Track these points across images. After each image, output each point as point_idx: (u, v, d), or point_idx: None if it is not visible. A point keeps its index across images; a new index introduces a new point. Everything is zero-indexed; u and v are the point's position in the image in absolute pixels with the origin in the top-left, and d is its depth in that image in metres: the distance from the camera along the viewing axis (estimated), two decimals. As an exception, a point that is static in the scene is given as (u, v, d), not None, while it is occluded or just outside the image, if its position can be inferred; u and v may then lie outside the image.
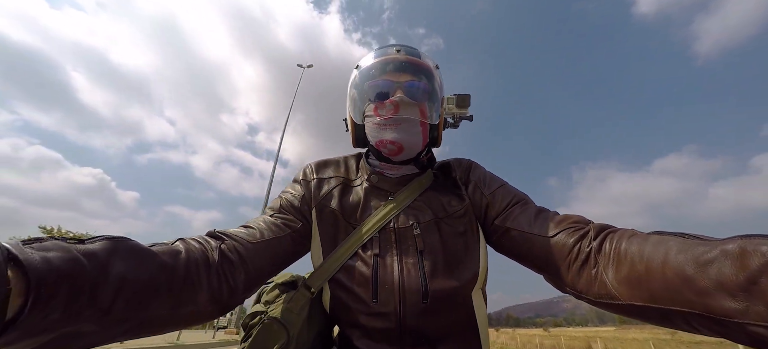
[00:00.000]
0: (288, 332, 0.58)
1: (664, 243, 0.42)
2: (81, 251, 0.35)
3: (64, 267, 0.32)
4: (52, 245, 0.33)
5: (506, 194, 0.69)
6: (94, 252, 0.36)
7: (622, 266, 0.46)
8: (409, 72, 0.71)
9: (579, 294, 0.53)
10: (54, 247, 0.33)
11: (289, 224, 0.68)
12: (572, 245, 0.54)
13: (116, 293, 0.37)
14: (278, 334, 0.58)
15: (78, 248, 0.35)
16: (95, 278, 0.35)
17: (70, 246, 0.34)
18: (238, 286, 0.55)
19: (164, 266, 0.44)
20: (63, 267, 0.32)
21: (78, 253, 0.34)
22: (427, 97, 0.71)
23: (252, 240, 0.61)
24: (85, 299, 0.33)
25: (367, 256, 0.63)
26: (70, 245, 0.35)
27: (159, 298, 0.42)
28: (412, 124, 0.68)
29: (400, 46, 0.75)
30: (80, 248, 0.35)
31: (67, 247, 0.34)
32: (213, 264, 0.52)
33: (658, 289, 0.40)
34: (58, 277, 0.31)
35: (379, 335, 0.60)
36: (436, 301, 0.59)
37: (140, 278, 0.40)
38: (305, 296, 0.63)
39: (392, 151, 0.70)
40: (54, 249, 0.32)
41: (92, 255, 0.35)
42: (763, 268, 0.31)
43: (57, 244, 0.34)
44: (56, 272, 0.31)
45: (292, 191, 0.75)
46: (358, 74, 0.75)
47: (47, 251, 0.32)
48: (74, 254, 0.34)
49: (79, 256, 0.34)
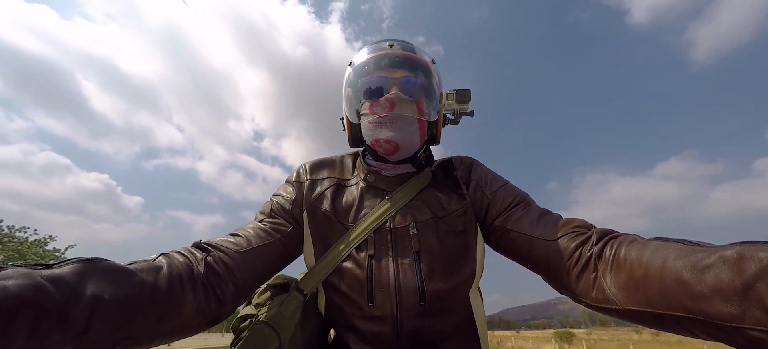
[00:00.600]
0: (279, 336, 0.57)
1: (663, 249, 0.42)
2: (46, 276, 0.35)
3: (23, 293, 0.32)
4: (12, 273, 0.33)
5: (508, 194, 0.68)
6: (60, 276, 0.36)
7: (621, 272, 0.46)
8: (404, 68, 0.68)
9: (577, 297, 0.54)
10: (14, 274, 0.33)
11: (278, 228, 0.66)
12: (574, 249, 0.54)
13: (90, 314, 0.36)
14: (269, 338, 0.57)
15: (43, 273, 0.35)
16: (63, 301, 0.35)
17: (34, 272, 0.35)
18: (227, 297, 0.54)
19: (144, 283, 0.43)
20: (22, 293, 0.32)
21: (42, 278, 0.34)
22: (423, 93, 0.69)
23: (239, 250, 0.59)
24: (52, 322, 0.33)
25: (361, 257, 0.62)
26: (33, 271, 0.35)
27: (140, 315, 0.42)
28: (408, 122, 0.66)
29: (394, 40, 0.72)
30: (45, 274, 0.35)
31: (29, 273, 0.34)
32: (198, 277, 0.51)
33: (655, 294, 0.41)
34: (15, 304, 0.31)
35: (376, 339, 0.59)
36: (433, 302, 0.58)
37: (118, 297, 0.39)
38: (297, 300, 0.62)
39: (388, 150, 0.68)
40: (14, 277, 0.33)
41: (58, 279, 0.35)
42: (760, 273, 0.32)
43: (18, 271, 0.34)
44: (13, 299, 0.31)
45: (283, 193, 0.73)
46: (352, 71, 0.72)
47: (6, 278, 0.32)
48: (37, 280, 0.34)
49: (42, 281, 0.34)
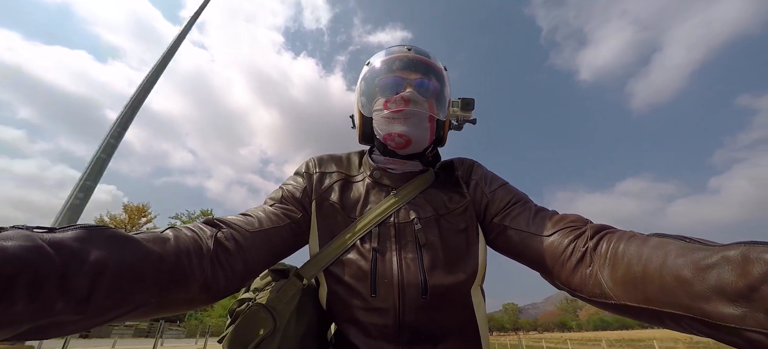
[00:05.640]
0: (275, 320, 0.56)
1: (663, 246, 0.41)
2: (47, 239, 0.33)
3: (22, 255, 0.30)
4: (12, 234, 0.31)
5: (506, 193, 0.69)
6: (62, 241, 0.34)
7: (619, 267, 0.45)
8: (419, 70, 0.71)
9: (573, 292, 0.53)
10: (15, 235, 0.31)
11: (289, 214, 0.66)
12: (568, 243, 0.54)
13: (93, 281, 0.34)
14: (264, 321, 0.56)
15: (44, 237, 0.33)
16: (64, 266, 0.32)
17: (35, 235, 0.32)
18: (235, 275, 0.54)
19: (149, 253, 0.41)
20: (21, 255, 0.30)
21: (43, 242, 0.32)
22: (435, 95, 0.72)
23: (251, 229, 0.59)
24: (55, 289, 0.31)
25: (366, 249, 0.62)
26: (35, 233, 0.33)
27: (144, 285, 0.40)
28: (421, 118, 0.68)
29: (411, 46, 0.76)
30: (47, 237, 0.33)
31: (30, 235, 0.32)
32: (207, 252, 0.50)
33: (654, 291, 0.40)
34: (15, 266, 0.29)
35: (377, 331, 0.58)
36: (435, 296, 0.58)
37: (122, 265, 0.37)
38: (296, 286, 0.61)
39: (400, 144, 0.70)
40: (14, 238, 0.30)
41: (60, 244, 0.33)
42: (766, 276, 0.31)
43: (19, 233, 0.32)
44: (13, 262, 0.29)
45: (293, 182, 0.74)
46: (369, 70, 0.75)
47: (5, 240, 0.30)
48: (37, 243, 0.31)
49: (43, 245, 0.32)
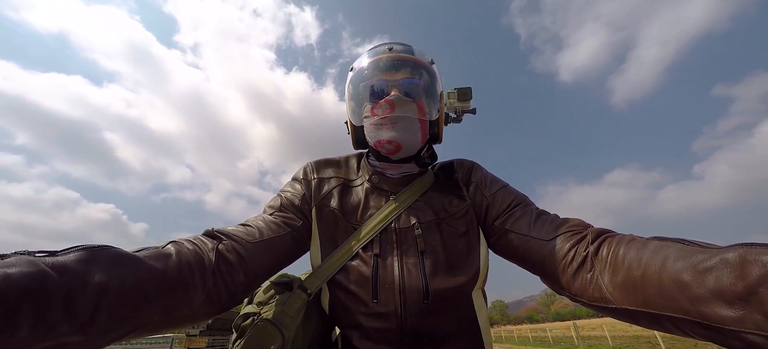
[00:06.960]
0: (283, 335, 0.56)
1: (663, 249, 0.41)
2: (49, 263, 0.33)
3: (25, 282, 0.30)
4: (15, 261, 0.31)
5: (507, 195, 0.68)
6: (64, 264, 0.34)
7: (619, 271, 0.45)
8: (403, 69, 0.69)
9: (574, 297, 0.53)
10: (17, 262, 0.31)
11: (289, 222, 0.66)
12: (569, 248, 0.54)
13: (97, 303, 0.35)
14: (273, 337, 0.56)
15: (47, 261, 0.33)
16: (67, 290, 0.33)
17: (37, 260, 0.33)
18: (237, 286, 0.54)
19: (152, 270, 0.42)
20: (25, 282, 0.30)
21: (46, 266, 0.32)
22: (423, 93, 0.70)
23: (251, 239, 0.59)
24: (59, 312, 0.32)
25: (367, 256, 0.62)
26: (37, 258, 0.33)
27: (148, 303, 0.41)
28: (409, 121, 0.67)
29: (393, 43, 0.74)
30: (49, 261, 0.33)
31: (33, 261, 0.32)
32: (209, 265, 0.50)
33: (653, 294, 0.40)
34: (19, 292, 0.29)
35: (380, 336, 0.59)
36: (437, 300, 0.58)
37: (125, 285, 0.38)
38: (301, 299, 0.61)
39: (390, 150, 0.69)
40: (17, 264, 0.31)
41: (62, 267, 0.34)
42: (763, 278, 0.31)
43: (21, 259, 0.32)
44: (17, 288, 0.29)
45: (291, 189, 0.73)
46: (353, 76, 0.74)
47: (8, 266, 0.30)
48: (40, 268, 0.32)
49: (46, 269, 0.32)
